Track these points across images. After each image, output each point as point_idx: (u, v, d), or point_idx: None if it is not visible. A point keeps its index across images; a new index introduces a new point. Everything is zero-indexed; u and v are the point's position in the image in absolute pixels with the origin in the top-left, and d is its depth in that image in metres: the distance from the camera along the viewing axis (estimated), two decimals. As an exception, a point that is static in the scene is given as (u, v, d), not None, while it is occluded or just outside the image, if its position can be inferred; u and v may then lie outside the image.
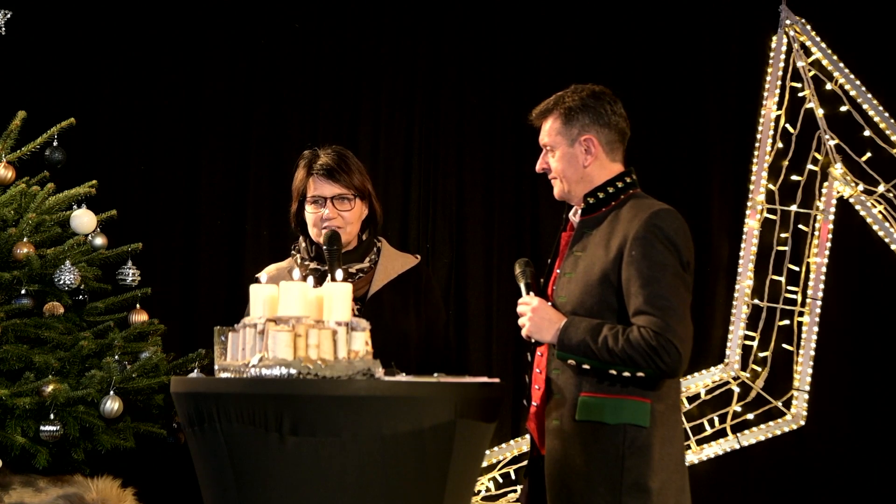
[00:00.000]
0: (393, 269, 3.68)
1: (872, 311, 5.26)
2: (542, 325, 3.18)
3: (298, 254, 3.72)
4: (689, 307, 3.10)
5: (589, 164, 3.27)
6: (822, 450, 5.20)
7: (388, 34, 5.40)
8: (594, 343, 3.08)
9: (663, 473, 3.12)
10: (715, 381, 5.16)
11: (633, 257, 3.10)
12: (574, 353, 3.12)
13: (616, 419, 3.11)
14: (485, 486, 5.13)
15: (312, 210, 3.66)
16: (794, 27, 5.26)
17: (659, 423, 3.13)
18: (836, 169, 5.18)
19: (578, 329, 3.12)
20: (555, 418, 3.21)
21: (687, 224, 3.19)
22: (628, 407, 3.11)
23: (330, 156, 3.70)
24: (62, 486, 3.65)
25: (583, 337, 3.10)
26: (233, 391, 2.90)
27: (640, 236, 3.10)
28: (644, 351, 3.03)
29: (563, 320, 3.15)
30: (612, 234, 3.18)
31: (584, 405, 3.14)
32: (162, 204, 5.27)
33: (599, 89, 3.31)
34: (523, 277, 3.32)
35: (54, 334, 3.78)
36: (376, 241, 3.76)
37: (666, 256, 3.08)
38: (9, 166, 3.98)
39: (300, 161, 3.73)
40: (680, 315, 3.04)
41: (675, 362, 3.03)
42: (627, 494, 3.09)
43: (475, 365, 5.22)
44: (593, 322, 3.12)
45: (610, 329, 3.08)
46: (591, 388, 3.14)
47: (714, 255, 5.28)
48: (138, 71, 5.28)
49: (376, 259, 3.69)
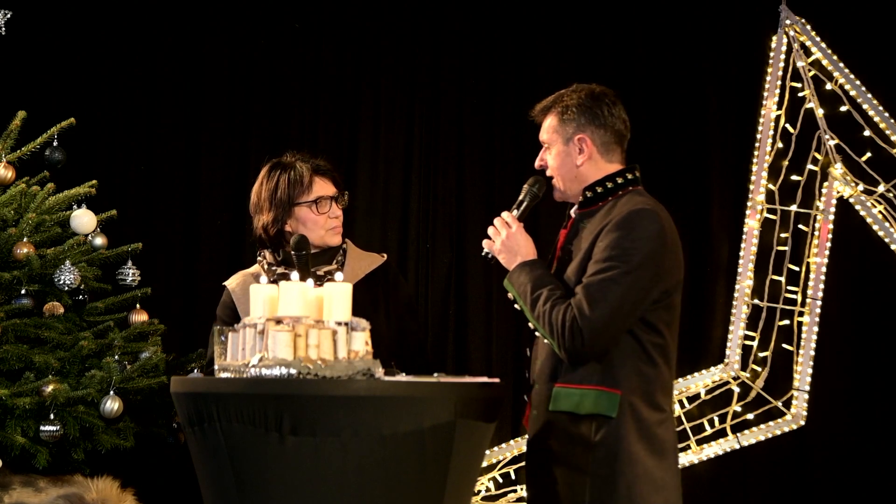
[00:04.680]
0: (360, 269, 3.66)
1: (872, 311, 5.26)
2: (508, 251, 3.28)
3: (265, 260, 3.68)
4: (628, 306, 3.09)
5: (582, 164, 3.28)
6: (822, 450, 5.20)
7: (388, 34, 5.40)
8: (531, 293, 3.18)
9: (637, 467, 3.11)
10: (715, 381, 5.16)
11: (598, 246, 3.15)
12: (515, 289, 3.24)
13: (585, 409, 3.13)
14: (485, 486, 5.12)
15: (320, 211, 3.62)
16: (794, 27, 5.26)
17: (631, 416, 3.13)
18: (836, 169, 5.18)
19: (530, 274, 3.21)
20: (534, 408, 3.28)
21: (674, 227, 3.20)
22: (598, 397, 3.13)
23: (318, 157, 3.69)
24: (62, 486, 3.65)
25: (526, 282, 3.20)
26: (233, 391, 2.90)
27: (612, 228, 3.14)
28: (556, 325, 3.11)
29: (528, 258, 3.26)
30: (598, 227, 3.19)
31: (557, 395, 3.19)
32: (162, 204, 5.27)
33: (600, 90, 3.32)
34: (526, 195, 3.39)
35: (54, 334, 3.78)
36: (342, 243, 3.73)
37: (627, 252, 3.10)
38: (9, 166, 3.98)
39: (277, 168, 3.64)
40: (607, 310, 3.07)
41: (577, 348, 3.09)
42: (595, 486, 3.11)
43: (475, 365, 5.22)
44: (545, 277, 3.21)
45: (550, 290, 3.16)
46: (565, 380, 3.18)
47: (714, 255, 5.28)
48: (138, 71, 5.28)
49: (343, 260, 3.67)
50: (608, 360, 3.14)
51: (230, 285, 3.72)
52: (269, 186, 3.65)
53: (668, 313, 3.19)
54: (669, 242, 3.16)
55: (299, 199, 3.62)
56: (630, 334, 3.14)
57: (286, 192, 3.62)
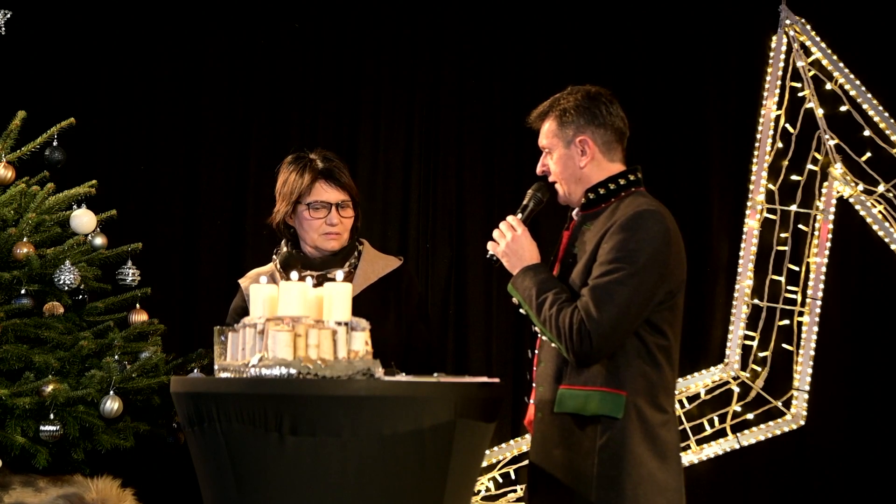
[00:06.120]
0: (373, 273, 3.66)
1: (872, 311, 5.26)
2: (512, 255, 3.27)
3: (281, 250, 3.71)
4: (635, 308, 3.10)
5: (585, 165, 3.28)
6: (822, 450, 5.19)
7: (388, 34, 5.40)
8: (536, 297, 3.17)
9: (641, 468, 3.11)
10: (715, 380, 5.16)
11: (603, 248, 3.14)
12: (519, 293, 3.23)
13: (591, 410, 3.13)
14: (485, 486, 5.12)
15: (314, 215, 3.63)
16: (793, 27, 5.26)
17: (636, 418, 3.13)
18: (836, 169, 5.18)
19: (534, 278, 3.20)
20: (538, 410, 3.27)
21: (677, 228, 3.20)
22: (603, 398, 3.13)
23: (329, 161, 3.68)
24: (62, 486, 3.65)
25: (531, 286, 3.19)
26: (233, 391, 2.90)
27: (616, 230, 3.13)
28: (564, 329, 3.10)
29: (532, 262, 3.25)
30: (603, 229, 3.19)
31: (562, 397, 3.18)
32: (162, 204, 5.27)
33: (595, 90, 3.32)
34: (531, 200, 3.39)
35: (54, 334, 3.78)
36: (358, 245, 3.74)
37: (633, 254, 3.10)
38: (9, 166, 3.98)
39: (294, 163, 3.70)
40: (615, 312, 3.07)
41: (585, 351, 3.08)
42: (600, 488, 3.10)
43: (475, 365, 5.22)
44: (550, 281, 3.20)
45: (556, 294, 3.15)
46: (569, 381, 3.18)
47: (714, 255, 5.28)
48: (138, 71, 5.28)
49: (356, 263, 3.68)
50: (613, 361, 3.14)
51: (243, 284, 3.74)
52: (282, 178, 3.71)
53: (671, 314, 3.19)
54: (674, 243, 3.17)
55: (300, 199, 3.65)
56: (635, 335, 3.14)
57: (291, 188, 3.65)
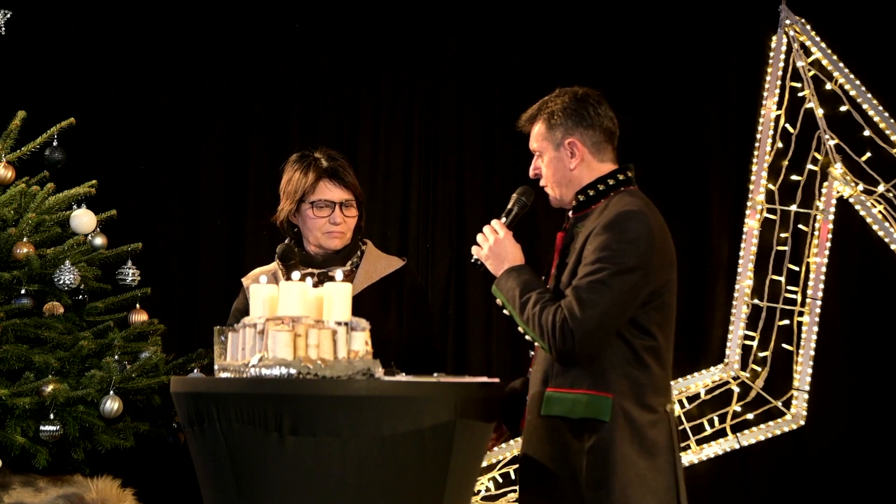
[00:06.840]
0: (375, 272, 3.67)
1: (872, 311, 5.26)
2: (495, 258, 3.29)
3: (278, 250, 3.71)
4: (618, 308, 3.09)
5: (575, 167, 3.28)
6: (822, 450, 5.19)
7: (388, 34, 5.40)
8: (519, 297, 3.19)
9: (629, 470, 3.11)
10: (715, 380, 5.16)
11: (588, 249, 3.15)
12: (503, 294, 3.25)
13: (578, 414, 3.13)
14: (485, 486, 5.12)
15: (318, 214, 3.63)
16: (793, 27, 5.25)
17: (623, 419, 3.12)
18: (836, 169, 5.18)
19: (517, 279, 3.22)
20: (529, 411, 3.27)
21: (664, 227, 3.20)
22: (590, 401, 3.12)
23: (335, 160, 3.69)
24: (62, 486, 3.65)
25: (514, 286, 3.21)
26: (233, 391, 2.90)
27: (600, 231, 3.14)
28: (546, 327, 3.10)
29: (516, 263, 3.26)
30: (589, 230, 3.19)
31: (548, 400, 3.18)
32: (162, 204, 5.27)
33: (583, 91, 3.32)
34: (515, 204, 3.40)
35: (54, 334, 3.78)
36: (361, 244, 3.74)
37: (616, 254, 3.09)
38: (9, 166, 3.98)
39: (299, 162, 3.71)
40: (597, 312, 3.06)
41: (568, 349, 3.08)
42: (588, 490, 3.10)
43: (475, 365, 5.22)
44: (533, 281, 3.22)
45: (539, 294, 3.16)
46: (556, 384, 3.17)
47: (714, 255, 5.28)
48: (138, 71, 5.28)
49: (358, 262, 3.68)
50: (599, 364, 3.13)
51: (246, 283, 3.75)
52: (286, 177, 3.72)
53: (659, 314, 3.18)
54: (658, 242, 3.16)
55: (304, 197, 3.65)
56: (620, 338, 3.13)
57: (295, 187, 3.66)
